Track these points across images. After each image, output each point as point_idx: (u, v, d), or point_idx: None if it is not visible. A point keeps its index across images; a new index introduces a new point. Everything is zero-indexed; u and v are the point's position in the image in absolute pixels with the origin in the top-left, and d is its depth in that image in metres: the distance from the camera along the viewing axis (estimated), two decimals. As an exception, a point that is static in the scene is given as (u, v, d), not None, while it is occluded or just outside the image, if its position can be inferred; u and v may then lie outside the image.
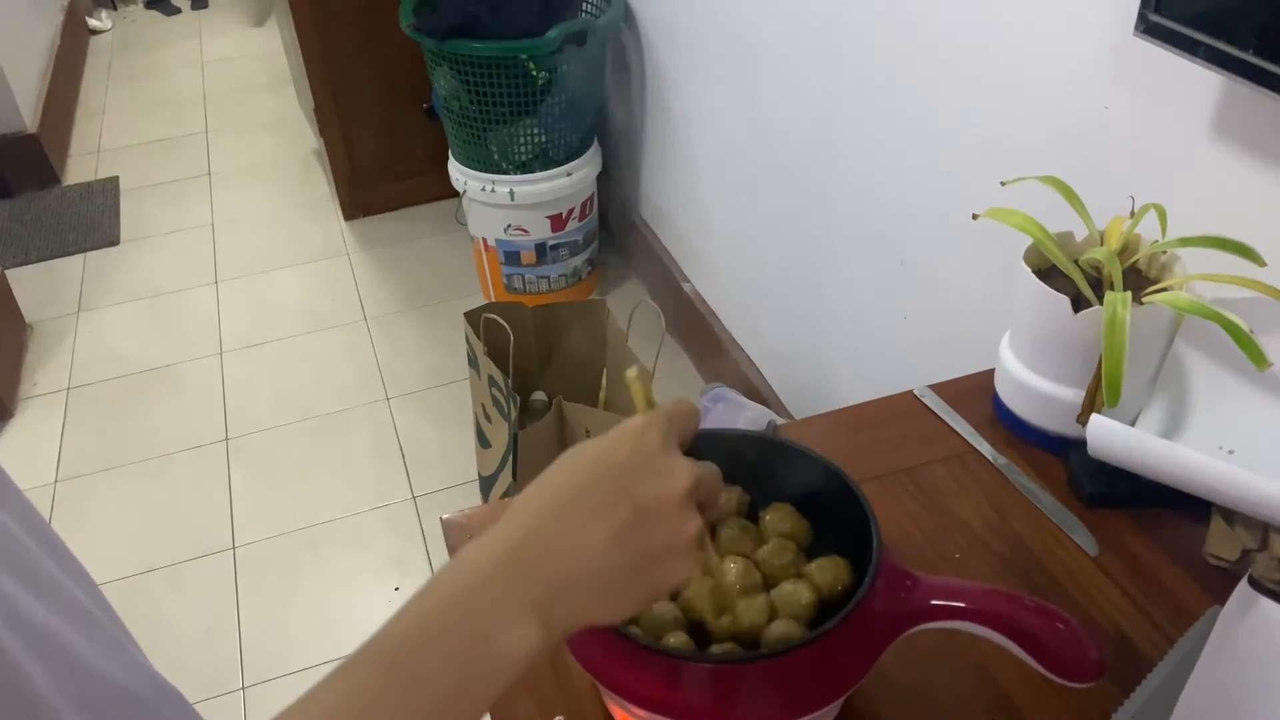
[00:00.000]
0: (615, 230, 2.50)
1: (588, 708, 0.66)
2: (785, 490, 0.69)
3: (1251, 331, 0.68)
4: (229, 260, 2.65)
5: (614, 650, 0.58)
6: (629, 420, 0.47)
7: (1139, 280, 0.80)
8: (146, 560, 1.83)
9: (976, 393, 0.88)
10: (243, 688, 1.60)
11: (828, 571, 0.63)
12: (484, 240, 2.23)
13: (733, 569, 0.63)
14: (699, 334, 2.12)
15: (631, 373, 0.50)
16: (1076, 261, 0.80)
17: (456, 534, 0.78)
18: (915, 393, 0.89)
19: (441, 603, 0.43)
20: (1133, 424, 0.75)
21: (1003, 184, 0.85)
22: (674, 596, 0.64)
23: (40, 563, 0.54)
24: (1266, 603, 0.64)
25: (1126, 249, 0.80)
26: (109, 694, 0.64)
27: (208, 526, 1.90)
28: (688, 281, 2.17)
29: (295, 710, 0.40)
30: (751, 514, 0.69)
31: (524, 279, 2.26)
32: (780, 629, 0.60)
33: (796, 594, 0.62)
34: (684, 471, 0.45)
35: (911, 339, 1.37)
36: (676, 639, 0.60)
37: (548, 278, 2.25)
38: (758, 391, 1.89)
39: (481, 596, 0.42)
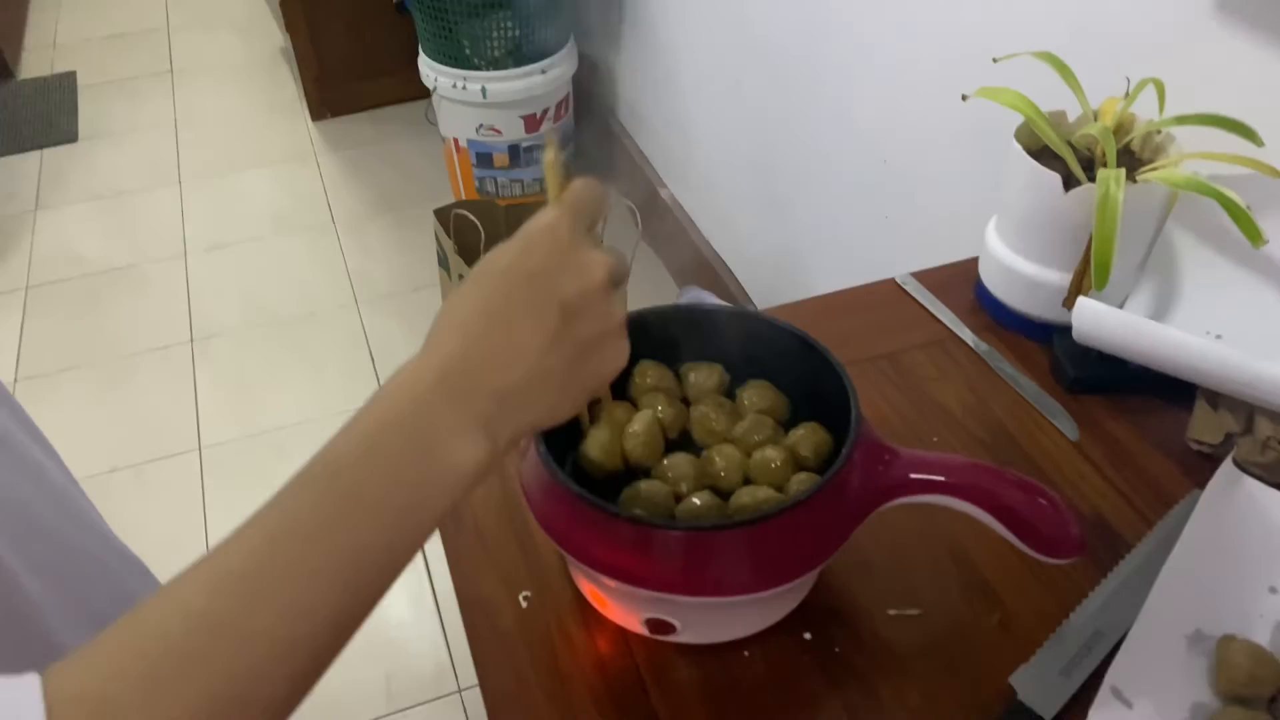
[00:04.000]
0: (592, 134, 2.44)
1: (555, 584, 0.64)
2: (764, 369, 0.67)
3: (1249, 208, 0.66)
4: (192, 160, 2.57)
5: (582, 519, 0.56)
6: (535, 220, 0.46)
7: (1132, 162, 0.77)
8: (111, 460, 1.80)
9: (960, 280, 0.86)
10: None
11: (808, 441, 0.61)
12: (455, 141, 2.17)
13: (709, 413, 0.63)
14: (675, 240, 2.08)
15: (548, 156, 0.49)
16: (1069, 142, 0.77)
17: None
18: (897, 280, 0.87)
19: (383, 422, 0.41)
20: (1120, 309, 0.73)
21: (995, 60, 0.81)
22: (651, 473, 0.62)
23: None
24: (1249, 482, 0.63)
25: (1120, 129, 0.77)
26: (67, 557, 0.62)
27: (173, 428, 1.87)
28: (665, 187, 2.12)
29: (236, 538, 0.37)
30: (731, 394, 0.67)
31: (496, 182, 2.20)
32: (755, 495, 0.58)
33: (773, 460, 0.60)
34: (599, 262, 0.45)
35: (893, 241, 1.34)
36: (701, 498, 0.59)
37: (521, 181, 2.19)
38: (734, 299, 1.86)
39: (424, 413, 0.41)
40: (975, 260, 0.85)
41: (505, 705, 0.58)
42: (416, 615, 1.55)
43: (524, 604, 0.63)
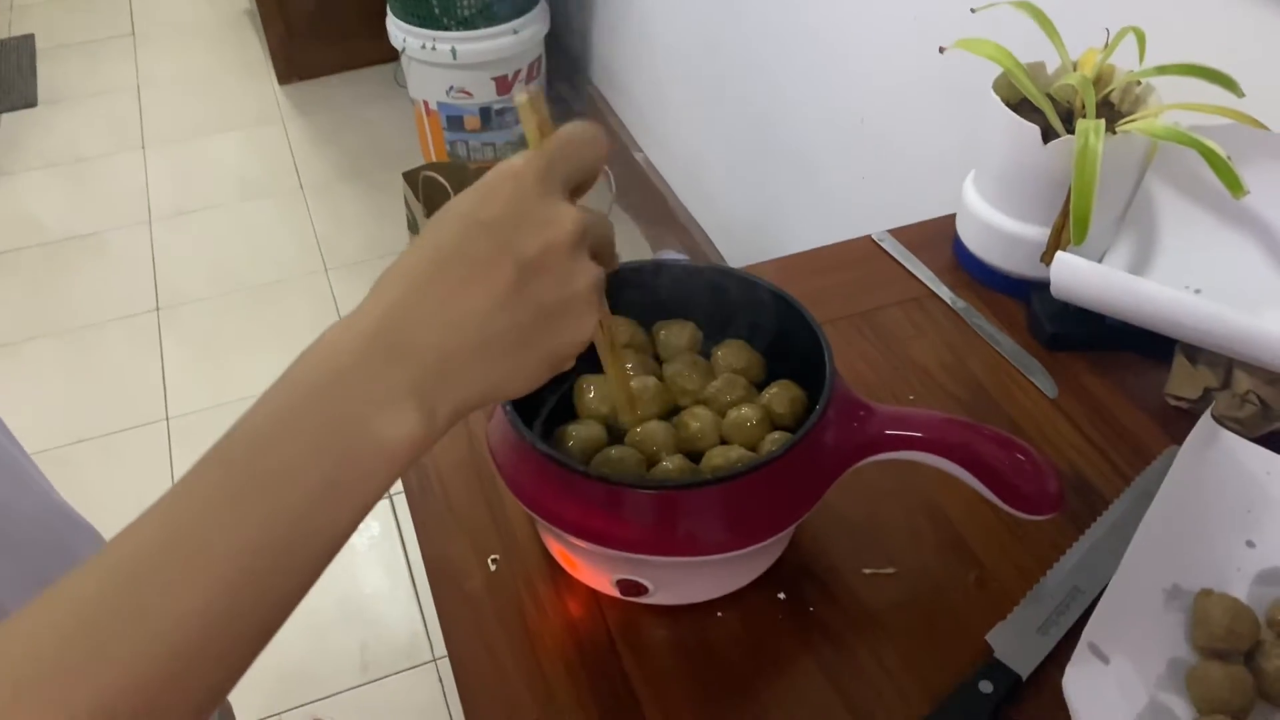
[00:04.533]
0: (565, 96, 2.40)
1: (524, 547, 0.62)
2: (738, 327, 0.65)
3: (1229, 158, 0.65)
4: (156, 125, 2.51)
5: (551, 480, 0.54)
6: (503, 163, 0.41)
7: (1111, 114, 0.76)
8: (76, 431, 1.77)
9: (937, 237, 0.85)
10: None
11: (783, 399, 0.60)
12: (425, 104, 2.13)
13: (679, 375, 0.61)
14: (651, 204, 2.06)
15: (521, 98, 0.43)
16: (1048, 94, 0.75)
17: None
18: (873, 237, 0.85)
19: (301, 390, 0.36)
20: (1098, 263, 0.72)
21: (973, 10, 0.79)
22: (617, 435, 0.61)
23: None
24: (1227, 436, 0.62)
25: (1100, 80, 0.76)
26: (16, 525, 0.59)
27: (140, 398, 1.83)
28: (640, 150, 2.09)
29: (138, 523, 0.34)
30: (705, 352, 0.65)
31: (468, 146, 2.16)
32: (729, 455, 0.57)
33: (748, 419, 0.59)
34: (568, 217, 0.39)
35: (871, 200, 1.33)
36: (674, 462, 0.57)
37: (493, 145, 2.16)
38: (711, 263, 1.85)
39: (348, 380, 0.36)
40: (953, 217, 0.84)
41: (473, 670, 0.57)
42: (391, 583, 1.54)
43: (492, 567, 0.61)
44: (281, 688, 1.39)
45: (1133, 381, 0.72)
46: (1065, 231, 0.73)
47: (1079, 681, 0.50)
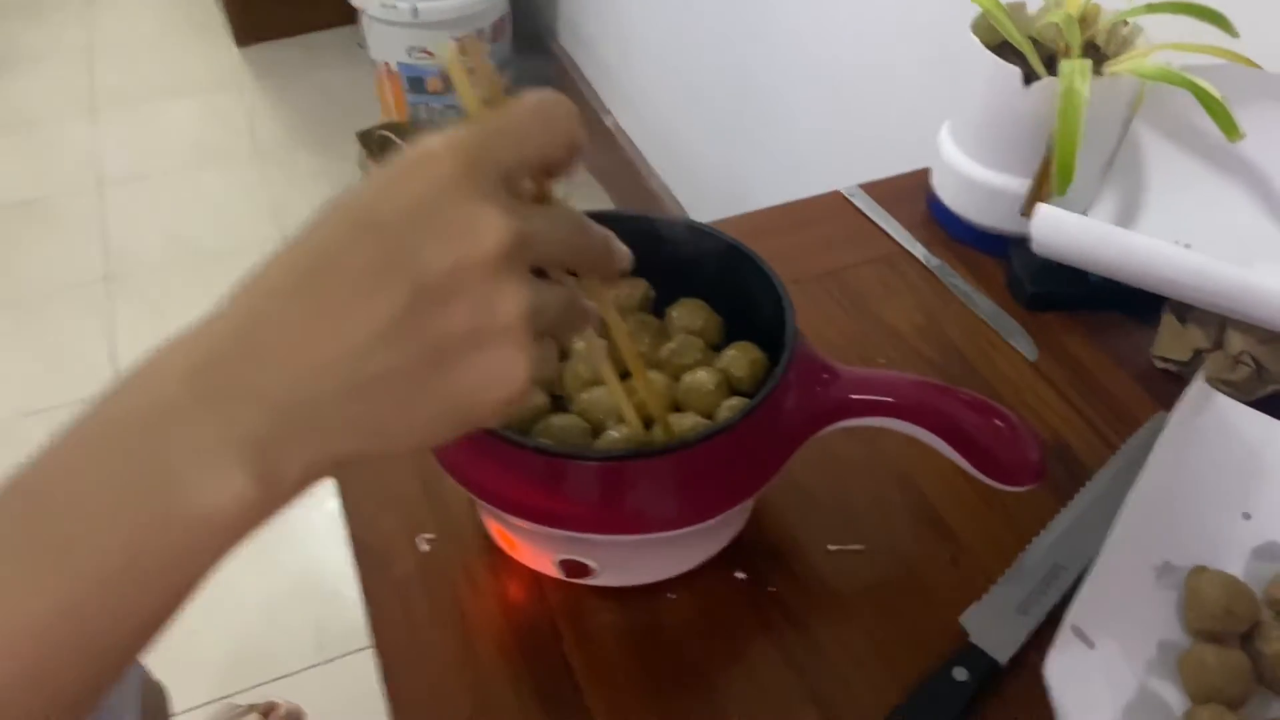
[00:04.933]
0: (531, 57, 2.32)
1: (461, 526, 0.57)
2: (694, 285, 0.60)
3: (1224, 99, 0.60)
4: (108, 88, 2.42)
5: (484, 452, 0.49)
6: (421, 143, 0.31)
7: (1097, 56, 0.70)
8: (21, 404, 1.70)
9: (912, 192, 0.79)
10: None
11: (741, 362, 0.55)
12: (386, 65, 2.05)
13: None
14: (621, 171, 1.99)
15: (449, 49, 0.34)
16: (1030, 37, 0.70)
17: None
18: (844, 192, 0.80)
19: (104, 436, 0.28)
20: (1082, 216, 0.67)
21: (951, -54, 0.74)
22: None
23: None
24: (1221, 400, 0.57)
25: (1084, 21, 0.70)
26: None
27: (89, 369, 1.76)
28: (609, 114, 2.03)
29: None
30: (659, 313, 0.60)
31: (430, 109, 2.09)
32: (681, 423, 0.52)
33: (704, 384, 0.53)
34: (493, 223, 0.29)
35: (847, 159, 1.27)
36: (621, 430, 0.52)
37: (457, 108, 2.08)
38: (680, 228, 1.79)
39: (166, 422, 0.28)
40: (928, 170, 0.79)
41: (400, 660, 0.51)
42: (345, 563, 1.48)
43: (425, 547, 0.56)
44: (231, 669, 1.34)
45: (1118, 343, 0.68)
46: (1047, 182, 0.68)
47: (1062, 668, 0.46)
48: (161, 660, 1.35)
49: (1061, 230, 0.64)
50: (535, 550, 0.54)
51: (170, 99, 2.39)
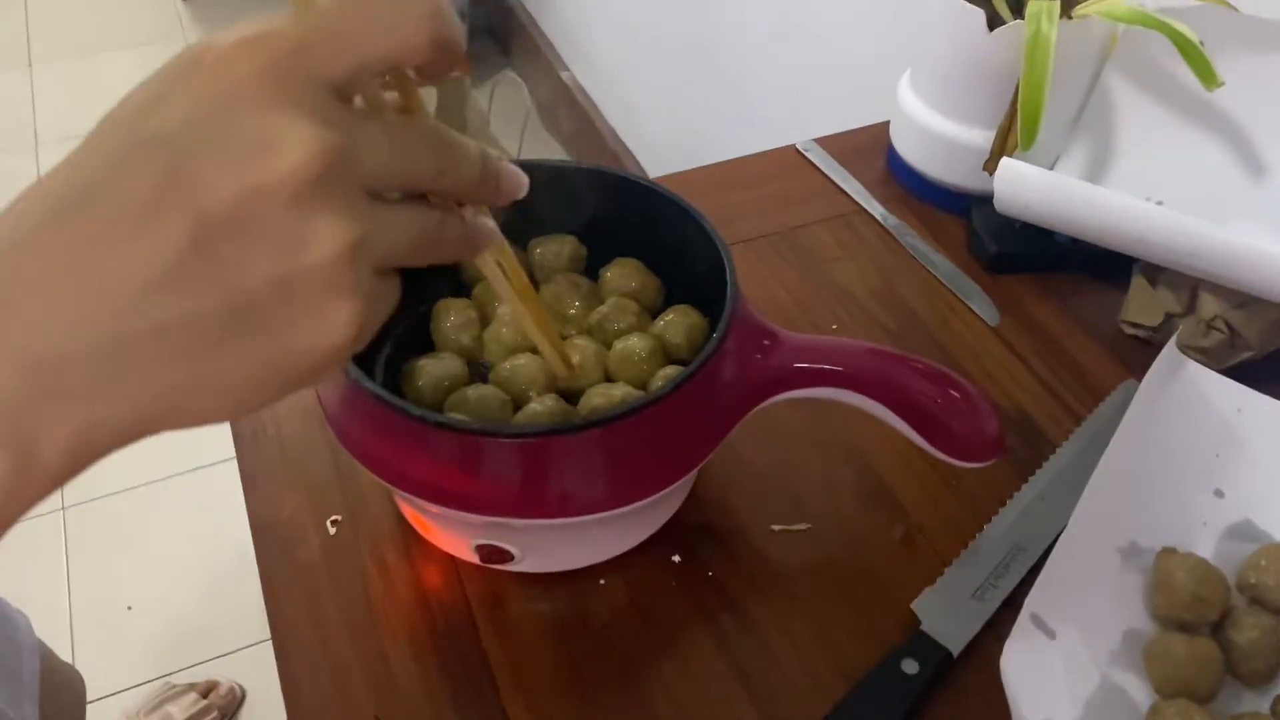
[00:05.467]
0: (487, 12, 2.24)
1: (373, 507, 0.52)
2: (628, 245, 0.55)
3: (1201, 44, 0.55)
4: (44, 40, 2.31)
5: (386, 429, 0.44)
6: (221, 34, 0.25)
7: (1067, 3, 0.66)
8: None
9: (870, 147, 0.75)
10: (62, 508, 1.44)
11: (679, 327, 0.50)
12: (336, 18, 1.97)
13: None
14: (577, 127, 1.93)
15: None
16: (995, -23, 0.65)
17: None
18: (798, 147, 0.75)
19: None
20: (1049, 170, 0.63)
21: (913, -121, 0.69)
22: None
23: None
24: (1193, 367, 0.53)
25: (1055, -39, 0.66)
26: None
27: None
28: (567, 70, 1.96)
29: None
30: (591, 274, 0.55)
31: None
32: (610, 395, 0.47)
33: (636, 351, 0.49)
34: (295, 137, 0.24)
35: (804, 114, 1.22)
36: (545, 403, 0.47)
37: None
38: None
39: None
40: (887, 125, 0.74)
41: (299, 654, 0.47)
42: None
43: (332, 530, 0.51)
44: (173, 646, 1.29)
45: (1085, 307, 0.64)
46: (1012, 135, 0.63)
47: (1019, 659, 0.42)
48: (95, 637, 1.31)
49: (1026, 185, 0.60)
50: (450, 534, 0.49)
51: (110, 52, 2.29)
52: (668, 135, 1.64)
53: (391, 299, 0.28)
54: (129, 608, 1.32)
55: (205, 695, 1.21)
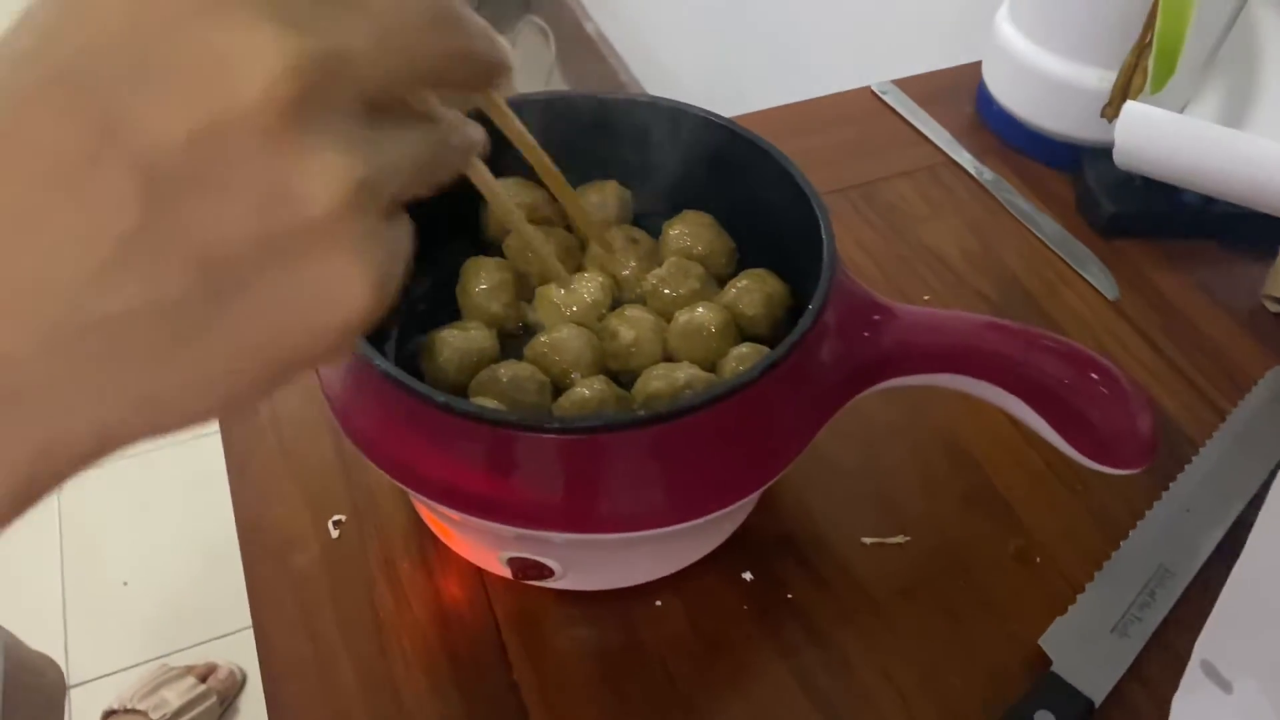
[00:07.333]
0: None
1: (384, 506, 0.44)
2: (690, 196, 0.46)
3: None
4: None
5: (402, 415, 0.35)
6: None
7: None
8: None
9: (959, 88, 0.65)
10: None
11: (754, 297, 0.41)
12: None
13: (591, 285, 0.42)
14: (602, 80, 1.83)
15: None
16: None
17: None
18: (874, 89, 0.66)
19: None
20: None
21: None
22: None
23: None
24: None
25: None
26: None
27: None
28: (590, 20, 1.86)
29: None
30: (648, 228, 0.46)
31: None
32: (674, 379, 0.38)
33: (705, 325, 0.40)
34: (264, 46, 0.17)
35: (866, 70, 1.12)
36: (593, 386, 0.38)
37: None
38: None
39: None
40: (978, 65, 0.64)
41: (291, 679, 0.39)
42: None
43: (334, 532, 0.43)
44: (167, 627, 1.22)
45: (1219, 279, 0.54)
46: (1139, 73, 0.54)
47: (1191, 716, 0.33)
48: (90, 617, 1.24)
49: (1155, 134, 0.51)
50: (477, 544, 0.41)
51: None
52: (700, 90, 1.54)
53: (406, 247, 0.20)
54: (125, 583, 1.24)
55: (203, 679, 1.14)
